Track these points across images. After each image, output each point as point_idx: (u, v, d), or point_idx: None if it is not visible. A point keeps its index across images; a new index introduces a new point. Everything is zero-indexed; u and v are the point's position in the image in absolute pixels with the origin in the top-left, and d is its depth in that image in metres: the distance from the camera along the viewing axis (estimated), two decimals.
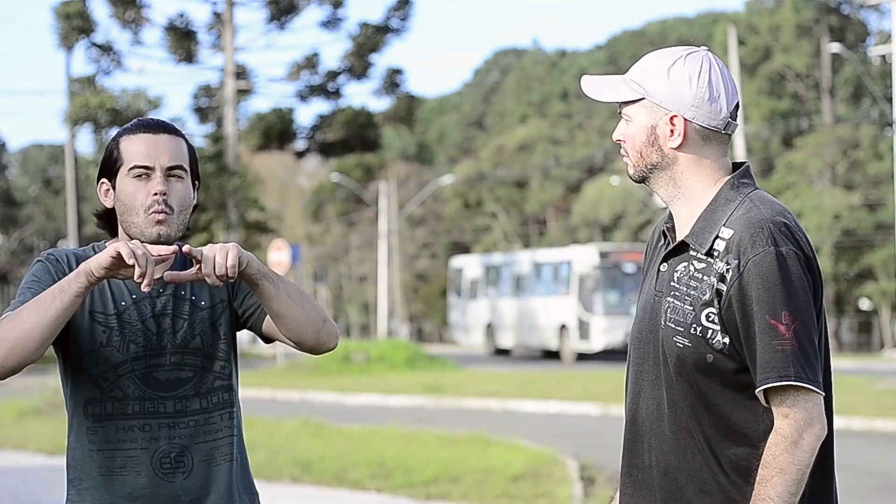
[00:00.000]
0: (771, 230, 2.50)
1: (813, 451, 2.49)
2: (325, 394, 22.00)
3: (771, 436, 2.49)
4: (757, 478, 2.50)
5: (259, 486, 3.14)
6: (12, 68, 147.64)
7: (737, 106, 2.63)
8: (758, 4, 56.80)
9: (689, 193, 2.62)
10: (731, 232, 2.53)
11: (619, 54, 75.03)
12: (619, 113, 2.66)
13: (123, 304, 2.86)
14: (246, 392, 22.70)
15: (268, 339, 2.99)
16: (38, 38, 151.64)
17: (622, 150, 2.67)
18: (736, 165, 2.67)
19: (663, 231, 2.71)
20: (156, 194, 2.80)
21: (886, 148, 48.16)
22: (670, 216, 2.70)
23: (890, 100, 42.42)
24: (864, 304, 54.98)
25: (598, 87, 2.67)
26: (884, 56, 35.05)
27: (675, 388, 2.57)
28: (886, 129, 48.57)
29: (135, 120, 2.90)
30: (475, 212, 70.68)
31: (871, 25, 55.21)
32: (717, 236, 2.55)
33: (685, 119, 2.58)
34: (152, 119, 2.91)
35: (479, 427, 14.32)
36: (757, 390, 2.49)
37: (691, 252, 2.59)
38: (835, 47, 32.94)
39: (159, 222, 2.79)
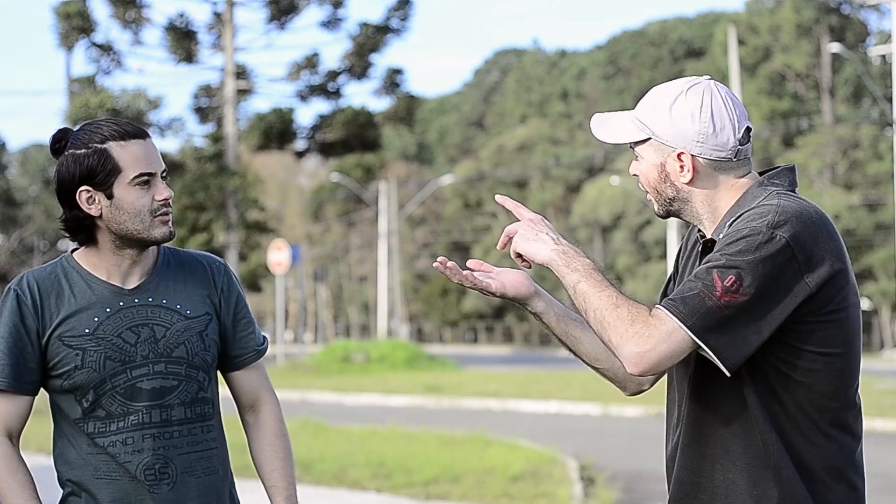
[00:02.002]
0: (779, 215, 2.45)
1: (587, 301, 2.44)
2: (325, 394, 22.00)
3: (646, 308, 2.43)
4: (626, 293, 2.46)
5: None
6: (12, 68, 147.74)
7: (747, 130, 2.59)
8: (758, 4, 56.82)
9: (715, 213, 2.61)
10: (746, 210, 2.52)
11: (619, 54, 75.02)
12: (632, 150, 2.67)
13: (97, 319, 2.87)
14: None
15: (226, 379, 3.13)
16: (38, 38, 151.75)
17: (640, 186, 2.68)
18: (782, 169, 2.64)
19: (697, 237, 2.70)
20: (164, 199, 2.87)
21: (886, 148, 48.17)
22: None
23: (890, 100, 42.41)
24: (864, 304, 55.00)
25: (607, 129, 2.67)
26: (884, 56, 35.04)
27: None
28: (886, 129, 48.57)
29: (111, 125, 2.88)
30: (475, 212, 70.70)
31: (871, 25, 55.26)
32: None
33: (692, 155, 2.58)
34: (130, 124, 2.91)
35: (479, 427, 14.31)
36: (659, 304, 2.43)
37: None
38: (835, 47, 32.93)
39: (166, 223, 2.88)
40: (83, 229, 2.94)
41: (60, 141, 2.91)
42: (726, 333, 2.39)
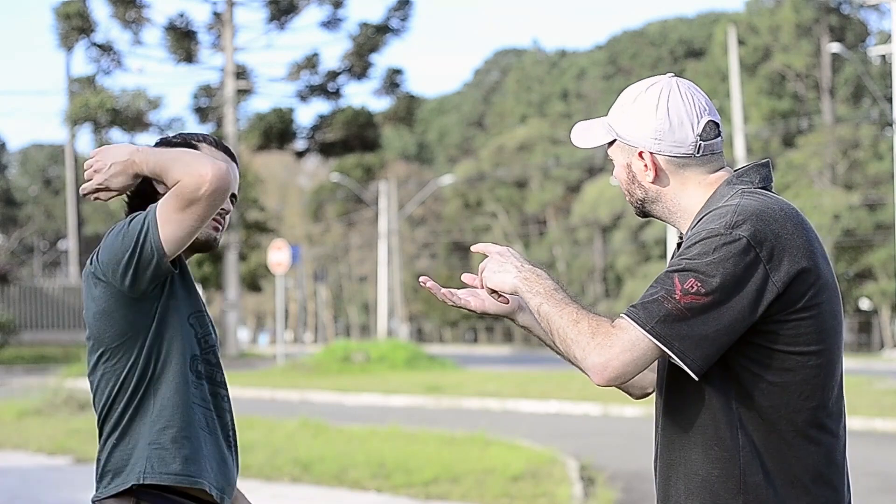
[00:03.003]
0: (737, 215, 2.43)
1: (551, 324, 2.46)
2: (325, 394, 22.01)
3: (605, 319, 2.44)
4: (588, 308, 2.48)
5: (259, 485, 3.17)
6: (12, 68, 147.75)
7: (711, 124, 2.57)
8: (758, 4, 56.82)
9: (687, 212, 2.60)
10: (707, 212, 2.51)
11: (619, 54, 75.03)
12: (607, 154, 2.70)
13: None
14: (246, 392, 22.68)
15: None
16: (38, 38, 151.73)
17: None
18: (757, 165, 2.63)
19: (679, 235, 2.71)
20: (222, 211, 3.10)
21: (886, 148, 48.17)
22: None
23: (890, 100, 42.42)
24: (864, 304, 54.98)
25: (583, 135, 2.70)
26: (884, 56, 35.06)
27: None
28: (886, 129, 48.57)
29: (211, 138, 3.15)
30: (475, 212, 70.71)
31: (871, 25, 55.25)
32: None
33: (651, 153, 2.57)
34: (227, 147, 3.17)
35: (479, 427, 14.31)
36: (622, 312, 2.43)
37: None
38: (835, 47, 32.92)
39: (216, 228, 3.11)
40: (141, 196, 3.19)
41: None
42: (690, 336, 2.36)
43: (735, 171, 2.60)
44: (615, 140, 2.62)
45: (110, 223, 42.94)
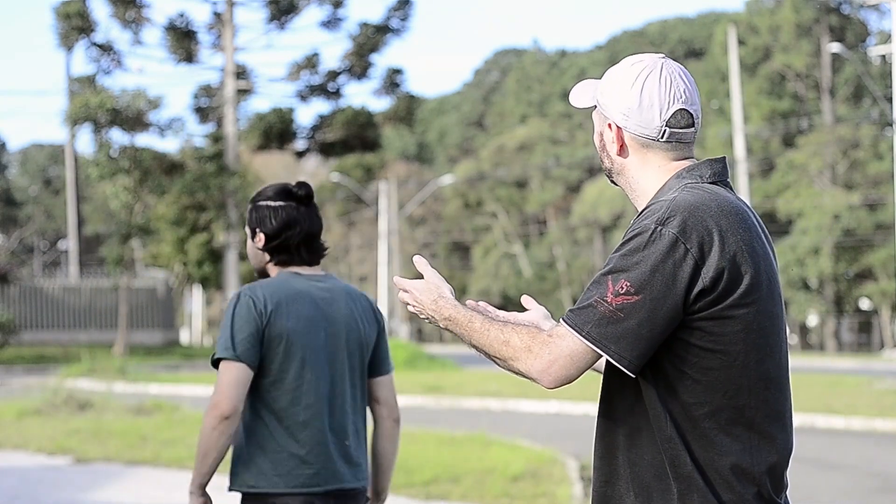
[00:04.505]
0: (669, 211, 2.45)
1: (484, 350, 2.53)
2: None
3: (536, 329, 2.49)
4: (512, 323, 2.52)
5: None
6: (12, 68, 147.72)
7: (683, 112, 2.57)
8: (758, 4, 56.79)
9: (644, 194, 2.62)
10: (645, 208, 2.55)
11: (619, 54, 75.01)
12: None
13: None
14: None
15: None
16: (38, 38, 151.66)
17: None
18: (711, 161, 2.64)
19: None
20: None
21: (886, 148, 48.16)
22: None
23: (890, 100, 42.41)
24: (864, 304, 54.96)
25: (578, 94, 2.73)
26: (884, 56, 35.06)
27: None
28: (886, 129, 48.56)
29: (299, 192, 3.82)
30: (475, 212, 70.70)
31: (871, 25, 55.22)
32: None
33: (618, 127, 2.61)
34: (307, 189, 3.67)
35: (479, 427, 14.31)
36: (558, 321, 2.48)
37: None
38: (835, 47, 32.91)
39: None
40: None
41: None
42: (624, 336, 2.39)
43: (686, 166, 2.60)
44: (594, 106, 2.68)
45: (110, 223, 42.79)
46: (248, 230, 3.86)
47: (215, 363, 3.64)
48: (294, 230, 3.86)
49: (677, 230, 2.42)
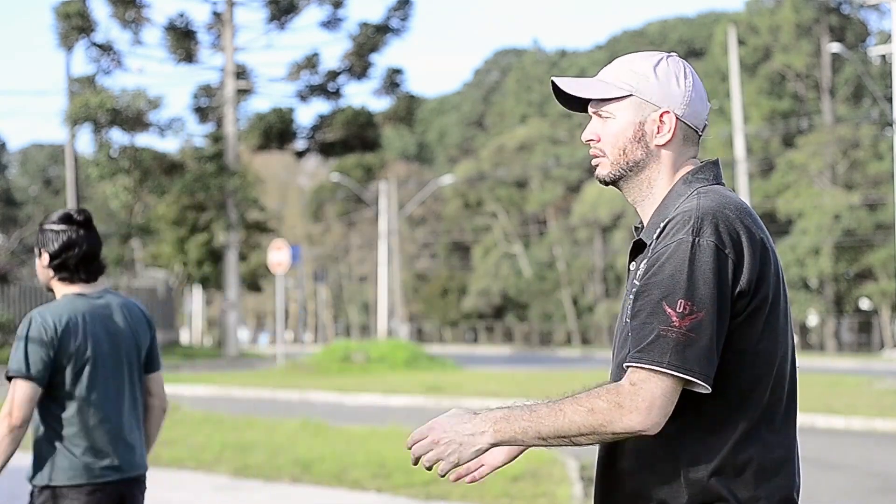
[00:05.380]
0: (699, 220, 2.44)
1: (563, 433, 2.40)
2: (325, 394, 22.00)
3: (612, 383, 2.44)
4: (578, 393, 2.44)
5: (259, 485, 3.16)
6: (12, 68, 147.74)
7: (709, 112, 2.66)
8: (758, 4, 56.80)
9: (658, 194, 2.61)
10: (669, 220, 2.51)
11: (618, 54, 74.78)
12: (595, 113, 2.63)
13: None
14: (246, 392, 22.68)
15: None
16: (38, 38, 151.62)
17: (595, 150, 2.64)
18: (708, 163, 2.66)
19: (636, 226, 2.70)
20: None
21: (886, 148, 48.16)
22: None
23: (890, 100, 42.41)
24: (864, 304, 54.96)
25: (579, 86, 2.65)
26: (884, 56, 35.04)
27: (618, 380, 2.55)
28: (886, 129, 48.56)
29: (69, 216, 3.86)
30: (475, 212, 70.70)
31: (871, 25, 55.23)
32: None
33: (675, 115, 2.59)
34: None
35: None
36: (627, 364, 2.40)
37: (648, 248, 2.56)
38: (835, 47, 32.91)
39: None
40: None
41: None
42: (703, 356, 2.37)
43: (690, 170, 2.62)
44: (626, 96, 2.60)
45: (110, 223, 42.82)
46: (36, 251, 4.42)
47: (9, 378, 4.21)
48: (73, 251, 4.36)
49: (715, 238, 2.42)
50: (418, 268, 75.35)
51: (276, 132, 37.14)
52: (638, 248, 2.60)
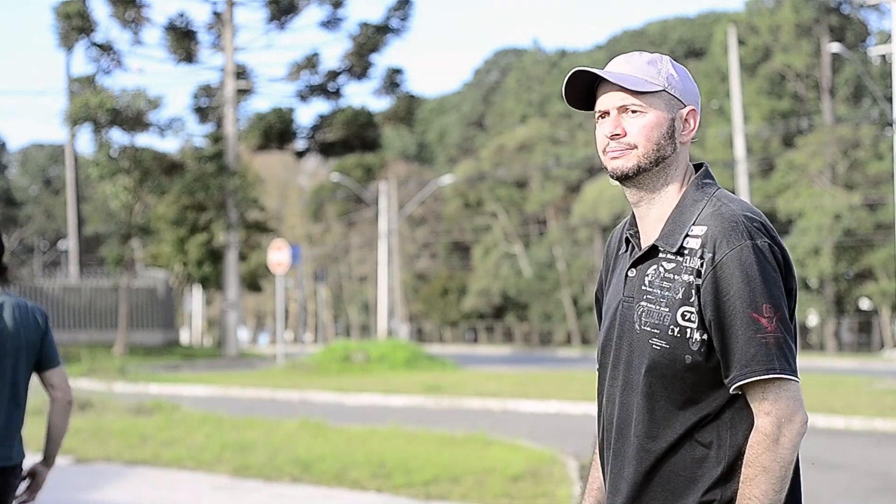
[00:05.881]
0: (745, 224, 2.51)
1: (795, 447, 2.48)
2: (325, 394, 22.00)
3: (753, 433, 2.48)
4: (742, 476, 2.48)
5: (259, 485, 3.15)
6: (12, 68, 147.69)
7: None
8: (758, 4, 56.78)
9: (667, 193, 2.63)
10: (704, 228, 2.54)
11: (619, 54, 74.84)
12: (623, 108, 2.60)
13: None
14: (246, 392, 22.67)
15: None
16: (38, 38, 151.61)
17: (620, 145, 2.60)
18: (696, 166, 2.69)
19: (626, 237, 2.70)
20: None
21: (886, 148, 48.16)
22: (633, 222, 2.70)
23: (890, 100, 42.40)
24: (864, 304, 54.95)
25: (617, 78, 2.60)
26: (884, 56, 35.07)
27: (649, 391, 2.56)
28: (886, 129, 48.55)
29: None
30: (475, 212, 70.69)
31: (871, 25, 55.21)
32: (686, 234, 2.56)
33: (697, 115, 2.64)
34: None
35: (479, 427, 14.32)
36: (739, 383, 2.47)
37: (661, 254, 2.58)
38: (835, 47, 32.92)
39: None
40: None
41: None
42: (791, 352, 2.50)
43: (698, 173, 2.66)
44: (657, 91, 2.60)
45: (110, 223, 42.76)
46: None
47: None
48: None
49: (768, 239, 2.53)
50: (418, 268, 75.33)
51: (276, 132, 37.13)
52: (646, 255, 2.61)
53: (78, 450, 12.52)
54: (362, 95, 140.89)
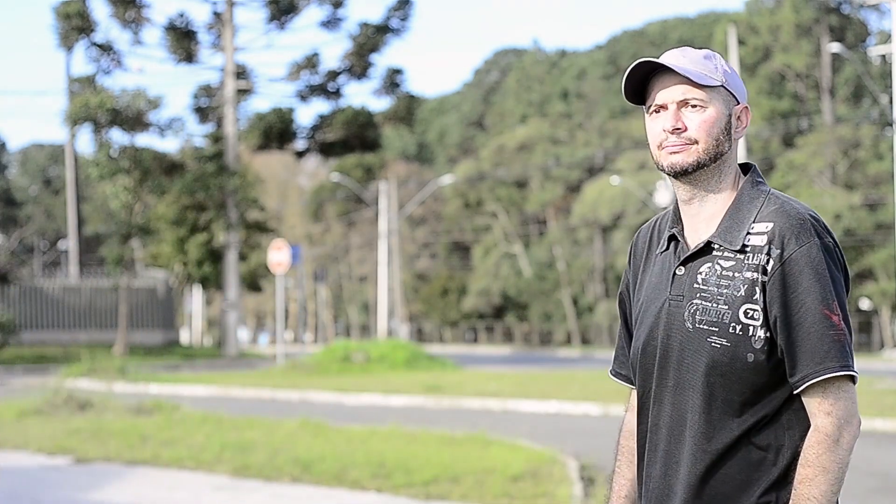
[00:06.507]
0: (812, 223, 2.52)
1: (851, 448, 2.48)
2: (325, 394, 22.00)
3: (812, 433, 2.47)
4: (797, 476, 2.46)
5: (259, 485, 3.15)
6: (12, 68, 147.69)
7: None
8: (758, 4, 56.79)
9: (720, 190, 2.61)
10: (770, 225, 2.52)
11: (619, 54, 75.02)
12: (683, 102, 2.56)
13: None
14: (246, 392, 22.67)
15: None
16: (38, 38, 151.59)
17: (683, 138, 2.56)
18: (743, 166, 2.68)
19: (672, 235, 2.66)
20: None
21: (886, 148, 48.16)
22: (676, 219, 2.66)
23: (890, 100, 42.41)
24: (864, 304, 54.94)
25: (684, 71, 2.56)
26: (884, 56, 35.04)
27: (707, 391, 2.53)
28: (886, 129, 48.56)
29: None
30: (475, 212, 70.69)
31: (871, 25, 55.23)
32: (748, 232, 2.54)
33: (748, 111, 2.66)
34: None
35: (479, 427, 14.31)
36: (814, 380, 2.46)
37: (716, 252, 2.56)
38: (835, 47, 32.91)
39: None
40: None
41: None
42: (852, 350, 2.51)
43: (750, 171, 2.68)
44: (716, 86, 2.58)
45: (110, 223, 42.80)
46: None
47: None
48: None
49: (831, 238, 2.55)
50: (418, 268, 75.32)
51: (276, 132, 37.14)
52: (699, 252, 2.58)
53: (78, 450, 12.51)
54: (362, 95, 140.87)
